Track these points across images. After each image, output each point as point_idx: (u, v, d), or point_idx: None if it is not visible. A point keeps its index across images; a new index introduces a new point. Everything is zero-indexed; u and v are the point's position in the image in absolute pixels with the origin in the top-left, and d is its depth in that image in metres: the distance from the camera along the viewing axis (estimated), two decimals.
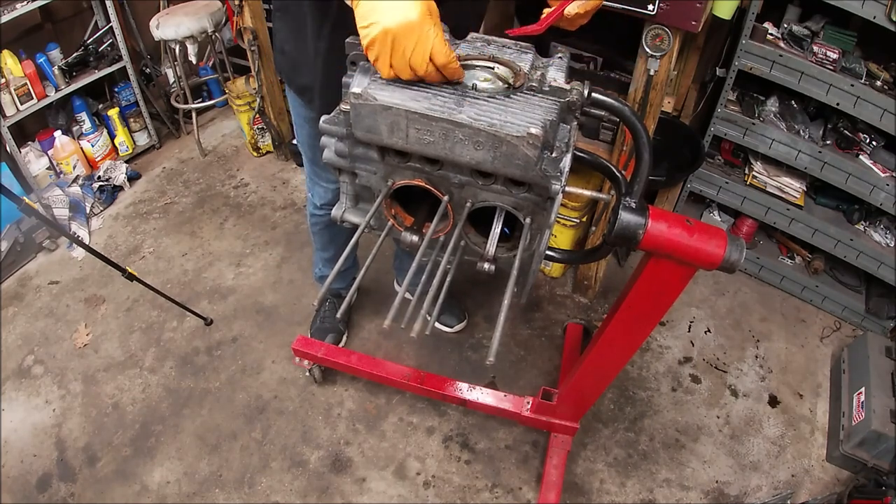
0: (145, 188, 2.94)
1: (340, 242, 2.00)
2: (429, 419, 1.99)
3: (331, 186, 1.77)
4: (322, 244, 2.01)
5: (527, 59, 1.11)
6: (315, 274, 2.16)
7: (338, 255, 2.03)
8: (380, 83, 0.97)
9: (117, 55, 2.80)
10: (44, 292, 2.41)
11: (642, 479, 1.87)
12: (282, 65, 1.52)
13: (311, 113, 1.56)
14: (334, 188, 1.78)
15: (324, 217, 1.87)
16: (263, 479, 1.84)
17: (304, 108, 1.56)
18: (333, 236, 1.96)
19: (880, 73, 1.91)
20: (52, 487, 1.82)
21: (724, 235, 1.00)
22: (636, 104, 1.74)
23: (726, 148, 2.42)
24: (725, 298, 2.46)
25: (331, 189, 1.78)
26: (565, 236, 2.25)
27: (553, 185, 0.91)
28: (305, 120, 1.61)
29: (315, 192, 1.80)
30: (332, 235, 1.96)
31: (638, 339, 1.35)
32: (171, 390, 2.06)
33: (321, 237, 1.98)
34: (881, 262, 2.16)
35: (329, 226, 1.90)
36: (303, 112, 1.59)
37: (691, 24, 1.49)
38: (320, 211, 1.85)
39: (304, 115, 1.60)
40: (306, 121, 1.61)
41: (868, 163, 2.05)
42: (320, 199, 1.81)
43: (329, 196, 1.80)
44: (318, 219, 1.89)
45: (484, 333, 2.26)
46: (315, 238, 2.00)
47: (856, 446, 1.86)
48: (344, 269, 2.09)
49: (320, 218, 1.88)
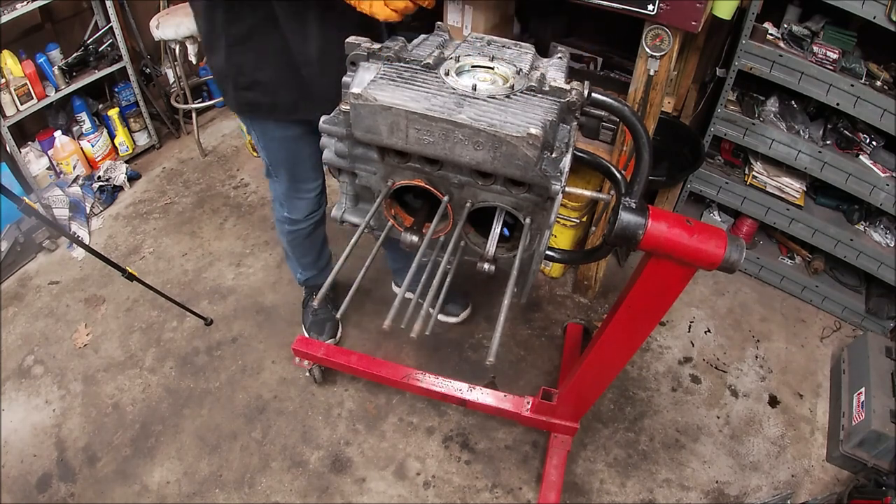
0: (145, 188, 2.94)
1: (318, 245, 2.02)
2: (429, 419, 1.99)
3: (311, 195, 1.79)
4: (302, 252, 2.02)
5: (527, 59, 1.11)
6: (298, 279, 2.16)
7: (317, 256, 2.06)
8: (380, 83, 0.97)
9: (117, 55, 2.80)
10: (44, 292, 2.41)
11: (642, 479, 1.87)
12: (248, 98, 1.46)
13: (287, 131, 1.57)
14: (314, 195, 1.79)
15: (305, 228, 1.88)
16: (263, 480, 1.84)
17: (279, 128, 1.57)
18: (313, 242, 1.98)
19: (880, 73, 1.91)
20: (52, 487, 1.82)
21: (724, 235, 1.00)
22: (636, 104, 1.74)
23: (726, 148, 2.42)
24: (725, 298, 2.46)
25: (311, 198, 1.79)
26: (565, 236, 2.25)
27: (553, 185, 0.91)
28: (282, 140, 1.60)
29: (295, 208, 1.81)
30: (311, 242, 1.98)
31: (638, 339, 1.35)
32: (171, 390, 2.06)
33: (302, 247, 1.99)
34: (881, 262, 2.16)
35: (310, 235, 1.92)
36: (276, 134, 1.59)
37: (691, 25, 1.49)
38: (304, 223, 1.86)
39: (278, 136, 1.59)
40: (283, 140, 1.60)
41: (868, 163, 2.05)
42: (302, 212, 1.82)
43: (311, 205, 1.81)
44: (300, 231, 1.89)
45: (484, 333, 2.26)
46: (294, 249, 2.01)
47: (856, 446, 1.86)
48: (325, 266, 2.12)
49: (302, 230, 1.89)
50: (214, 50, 1.40)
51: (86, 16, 2.85)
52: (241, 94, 1.46)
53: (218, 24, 1.34)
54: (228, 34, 1.34)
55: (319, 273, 2.11)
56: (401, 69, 1.02)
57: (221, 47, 1.37)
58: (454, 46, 1.15)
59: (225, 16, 1.32)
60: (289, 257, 2.11)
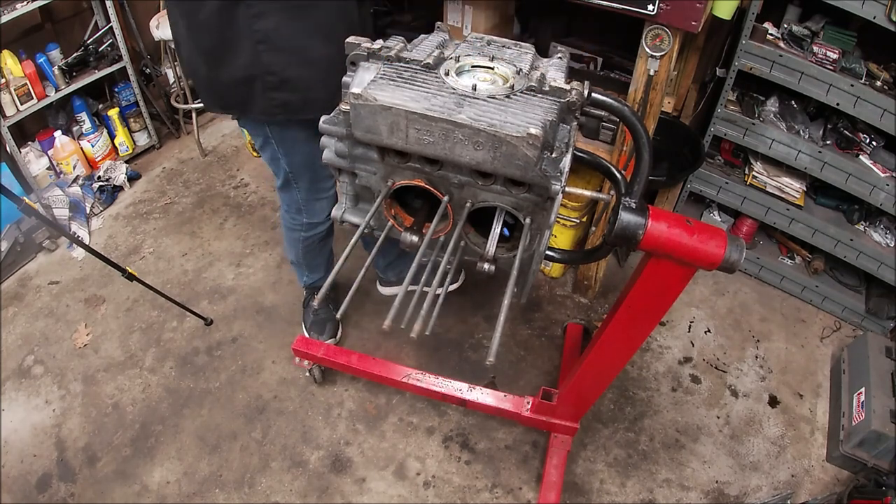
0: (145, 188, 2.94)
1: (328, 248, 2.02)
2: (429, 419, 1.99)
3: (330, 192, 1.76)
4: (313, 256, 2.00)
5: (527, 59, 1.11)
6: (304, 282, 2.15)
7: (326, 259, 2.06)
8: (380, 83, 0.97)
9: (117, 55, 2.80)
10: (44, 292, 2.41)
11: (642, 479, 1.87)
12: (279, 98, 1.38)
13: (308, 130, 1.50)
14: (333, 191, 1.78)
15: (322, 231, 1.87)
16: (263, 480, 1.84)
17: (303, 128, 1.52)
18: (324, 245, 1.97)
19: (880, 73, 1.91)
20: (52, 487, 1.82)
21: (723, 235, 1.00)
22: (636, 104, 1.74)
23: (726, 148, 2.42)
24: (725, 298, 2.46)
25: (330, 196, 1.77)
26: (565, 236, 2.25)
27: (553, 185, 0.91)
28: (304, 140, 1.56)
29: (315, 211, 1.78)
30: (323, 245, 1.96)
31: (638, 339, 1.35)
32: (171, 390, 2.06)
33: (314, 252, 1.97)
34: (881, 262, 2.16)
35: (324, 238, 1.91)
36: (301, 134, 1.54)
37: (691, 25, 1.49)
38: (322, 226, 1.84)
39: (302, 136, 1.55)
40: (305, 141, 1.56)
41: (868, 163, 2.05)
42: (323, 213, 1.79)
43: (330, 204, 1.79)
44: (317, 235, 1.87)
45: (484, 333, 2.26)
46: (307, 255, 1.97)
47: (856, 446, 1.86)
48: (328, 268, 2.11)
49: (319, 234, 1.87)
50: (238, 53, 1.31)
51: (86, 16, 2.85)
52: (270, 95, 1.39)
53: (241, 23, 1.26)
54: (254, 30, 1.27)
55: (324, 275, 2.10)
56: (401, 69, 1.02)
57: (245, 49, 1.30)
58: (454, 46, 1.15)
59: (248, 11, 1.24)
60: (296, 263, 2.06)
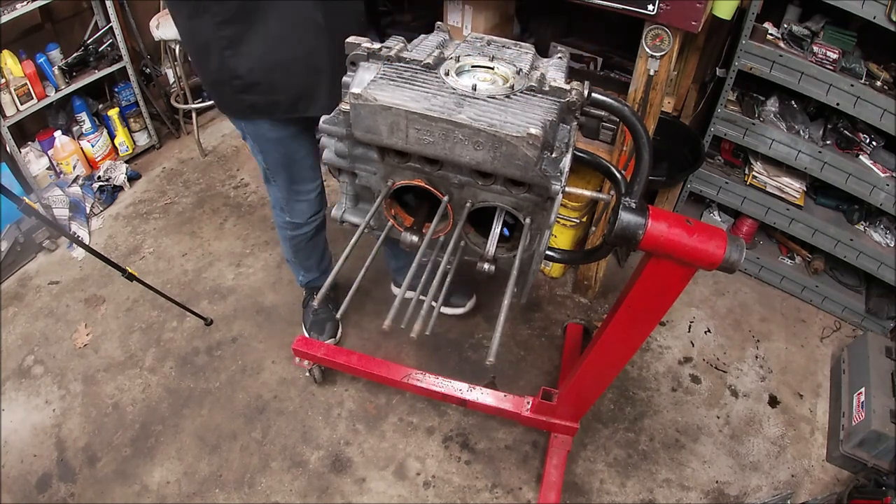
0: (145, 188, 2.94)
1: (321, 248, 2.03)
2: (429, 419, 1.99)
3: (310, 196, 1.77)
4: (305, 256, 2.02)
5: (527, 59, 1.11)
6: (300, 281, 2.16)
7: (320, 259, 2.07)
8: (380, 83, 0.97)
9: (117, 55, 2.80)
10: (44, 292, 2.41)
11: (642, 479, 1.87)
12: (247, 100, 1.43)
13: (280, 132, 1.54)
14: (314, 196, 1.78)
15: (308, 232, 1.88)
16: (263, 480, 1.84)
17: (273, 129, 1.54)
18: (315, 246, 1.98)
19: (880, 73, 1.91)
20: (52, 487, 1.82)
21: (723, 235, 1.00)
22: (636, 104, 1.74)
23: (726, 148, 2.42)
24: (725, 298, 2.46)
25: (311, 199, 1.78)
26: (565, 236, 2.25)
27: (553, 185, 0.91)
28: (276, 141, 1.57)
29: (296, 211, 1.80)
30: (314, 246, 1.98)
31: (638, 339, 1.35)
32: (171, 390, 2.06)
33: (304, 251, 1.99)
34: (881, 262, 2.16)
35: (312, 238, 1.92)
36: (272, 135, 1.56)
37: (691, 25, 1.49)
38: (306, 227, 1.85)
39: (272, 137, 1.56)
40: (276, 142, 1.58)
41: (868, 163, 2.05)
42: (304, 215, 1.81)
43: (312, 207, 1.80)
44: (303, 235, 1.89)
45: (484, 333, 2.26)
46: (297, 254, 2.00)
47: (856, 446, 1.86)
48: (326, 268, 2.12)
49: (304, 234, 1.88)
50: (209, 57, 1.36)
51: (86, 16, 2.85)
52: (239, 97, 1.44)
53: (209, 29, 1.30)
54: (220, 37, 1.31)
55: (321, 275, 2.11)
56: (401, 69, 1.02)
57: (214, 53, 1.34)
58: (454, 46, 1.15)
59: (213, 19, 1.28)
60: (291, 261, 2.10)
